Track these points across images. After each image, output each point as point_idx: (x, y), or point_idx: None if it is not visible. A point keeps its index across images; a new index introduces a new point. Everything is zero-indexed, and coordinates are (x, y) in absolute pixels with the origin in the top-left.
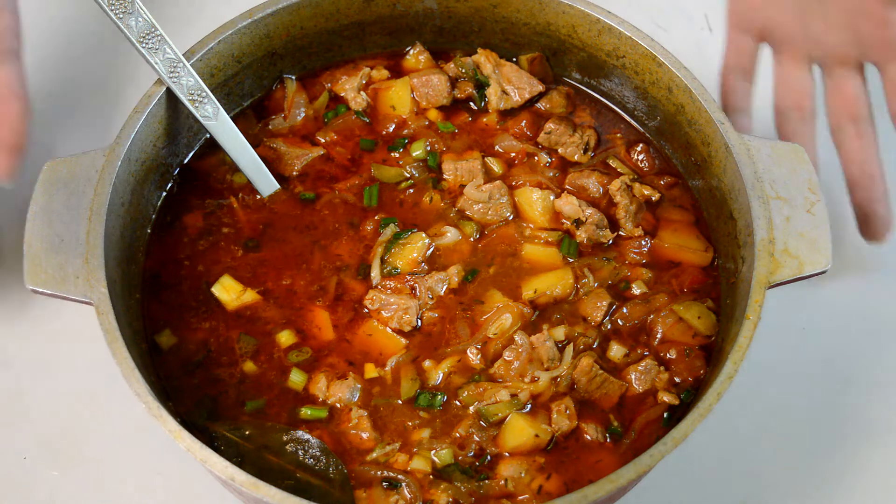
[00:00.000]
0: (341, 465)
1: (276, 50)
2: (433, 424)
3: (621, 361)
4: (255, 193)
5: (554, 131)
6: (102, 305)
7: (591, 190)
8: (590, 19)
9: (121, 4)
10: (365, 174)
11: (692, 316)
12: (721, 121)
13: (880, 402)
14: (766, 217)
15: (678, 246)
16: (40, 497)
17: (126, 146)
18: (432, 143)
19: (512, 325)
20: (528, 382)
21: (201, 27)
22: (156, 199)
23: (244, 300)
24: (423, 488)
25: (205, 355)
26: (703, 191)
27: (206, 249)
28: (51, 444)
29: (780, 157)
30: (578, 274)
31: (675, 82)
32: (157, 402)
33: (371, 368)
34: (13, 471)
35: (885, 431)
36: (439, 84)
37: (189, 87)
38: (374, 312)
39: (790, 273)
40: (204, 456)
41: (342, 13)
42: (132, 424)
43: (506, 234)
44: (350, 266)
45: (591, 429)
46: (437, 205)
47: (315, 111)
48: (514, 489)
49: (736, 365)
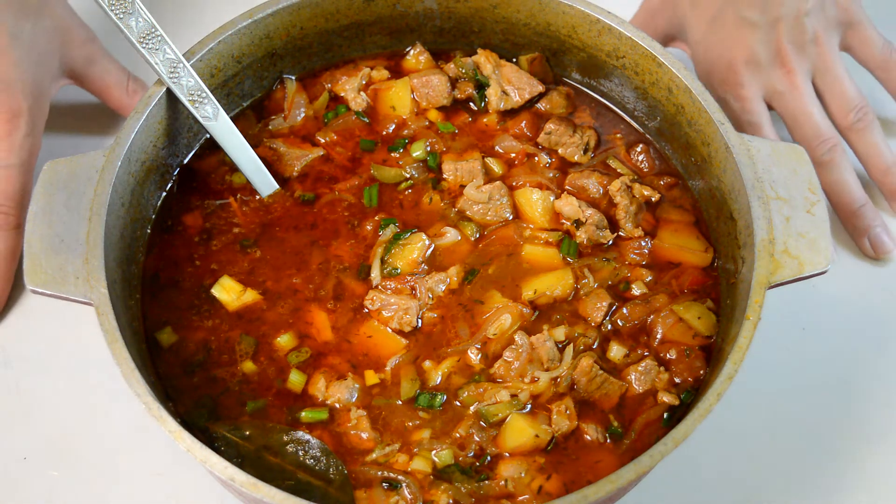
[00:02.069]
0: (341, 466)
1: (276, 50)
2: (433, 425)
3: (621, 362)
4: (254, 194)
5: (554, 132)
6: (102, 306)
7: (591, 190)
8: (590, 19)
9: (121, 4)
10: (365, 174)
11: (692, 316)
12: (721, 121)
13: (880, 402)
14: (766, 217)
15: (678, 246)
16: (40, 497)
17: (126, 146)
18: (432, 144)
19: (512, 325)
20: (528, 383)
21: (201, 27)
22: (156, 199)
23: (244, 300)
24: (423, 489)
25: (205, 355)
26: (703, 191)
27: (205, 250)
28: (50, 444)
29: (780, 157)
30: (578, 274)
31: (675, 83)
32: (157, 402)
33: (371, 375)
34: (13, 471)
35: (884, 431)
36: (439, 84)
37: (189, 87)
38: (374, 313)
39: (790, 273)
40: (204, 456)
41: (342, 13)
42: (132, 424)
43: (506, 234)
44: (350, 266)
45: (591, 429)
46: (437, 205)
47: (315, 111)
48: (514, 489)
49: (736, 365)
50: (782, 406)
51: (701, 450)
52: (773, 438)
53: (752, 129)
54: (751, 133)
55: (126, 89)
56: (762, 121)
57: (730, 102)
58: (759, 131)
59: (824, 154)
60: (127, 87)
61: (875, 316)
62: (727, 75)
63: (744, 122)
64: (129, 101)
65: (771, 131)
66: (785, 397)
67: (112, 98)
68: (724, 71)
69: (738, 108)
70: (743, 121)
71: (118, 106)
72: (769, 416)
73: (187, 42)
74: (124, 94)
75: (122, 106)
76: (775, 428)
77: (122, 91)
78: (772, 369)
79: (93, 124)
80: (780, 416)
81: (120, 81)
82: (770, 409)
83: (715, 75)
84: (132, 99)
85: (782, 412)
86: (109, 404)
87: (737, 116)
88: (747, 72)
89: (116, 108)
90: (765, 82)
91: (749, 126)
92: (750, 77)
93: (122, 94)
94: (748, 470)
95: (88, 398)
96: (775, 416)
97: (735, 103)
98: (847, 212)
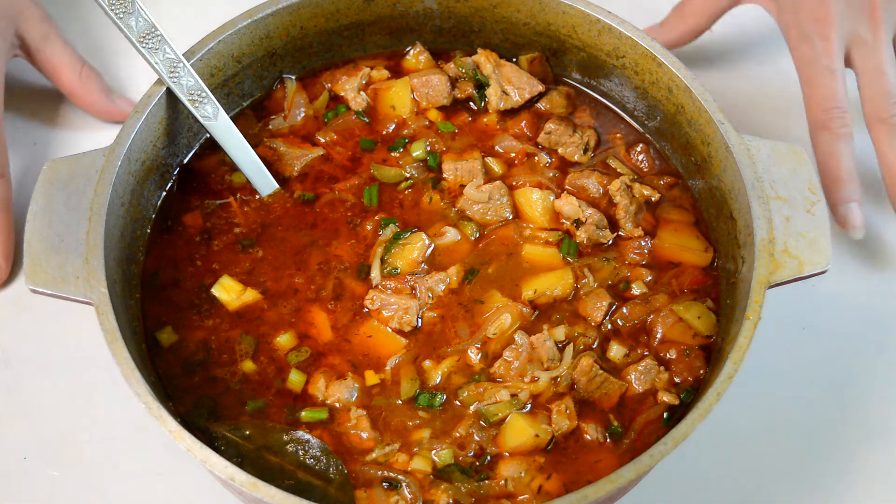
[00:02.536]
0: (341, 466)
1: (276, 50)
2: (433, 424)
3: (621, 361)
4: (254, 193)
5: (554, 131)
6: (102, 305)
7: (591, 190)
8: (590, 19)
9: (121, 4)
10: (365, 174)
11: (692, 316)
12: (721, 121)
13: (880, 401)
14: (766, 217)
15: (678, 246)
16: (40, 497)
17: (126, 146)
18: (432, 144)
19: (512, 324)
20: (528, 382)
21: (201, 27)
22: (156, 199)
23: (244, 300)
24: (423, 488)
25: (205, 355)
26: (702, 191)
27: (205, 249)
28: (50, 444)
29: (780, 157)
30: (578, 274)
31: (675, 82)
32: (157, 402)
33: (371, 375)
34: (13, 471)
35: (884, 431)
36: (439, 84)
37: (189, 87)
38: (374, 312)
39: (790, 273)
40: (204, 456)
41: (342, 13)
42: (132, 424)
43: (505, 234)
44: (350, 266)
45: (591, 429)
46: (437, 205)
47: (315, 111)
48: (514, 489)
49: (736, 365)
50: (782, 406)
51: (701, 450)
52: (773, 438)
53: (828, 75)
54: (824, 80)
55: (79, 74)
56: (839, 70)
57: (813, 41)
58: (834, 80)
59: (893, 116)
60: (81, 72)
61: (875, 316)
62: (817, 9)
63: (821, 66)
64: (80, 86)
65: (843, 85)
66: (785, 397)
67: (62, 79)
68: (814, 5)
69: (820, 48)
70: (820, 65)
71: (68, 89)
72: (769, 416)
73: (187, 42)
74: (75, 78)
75: (71, 90)
76: (775, 428)
77: (74, 74)
78: (772, 369)
79: (93, 124)
80: (780, 416)
81: (73, 65)
82: (770, 408)
83: (804, 10)
84: (84, 85)
85: (782, 412)
86: (109, 404)
87: (816, 57)
88: (837, 10)
89: (67, 91)
90: (852, 27)
91: (825, 72)
92: (839, 17)
93: (74, 78)
94: (748, 470)
95: (88, 398)
96: (775, 416)
97: (819, 43)
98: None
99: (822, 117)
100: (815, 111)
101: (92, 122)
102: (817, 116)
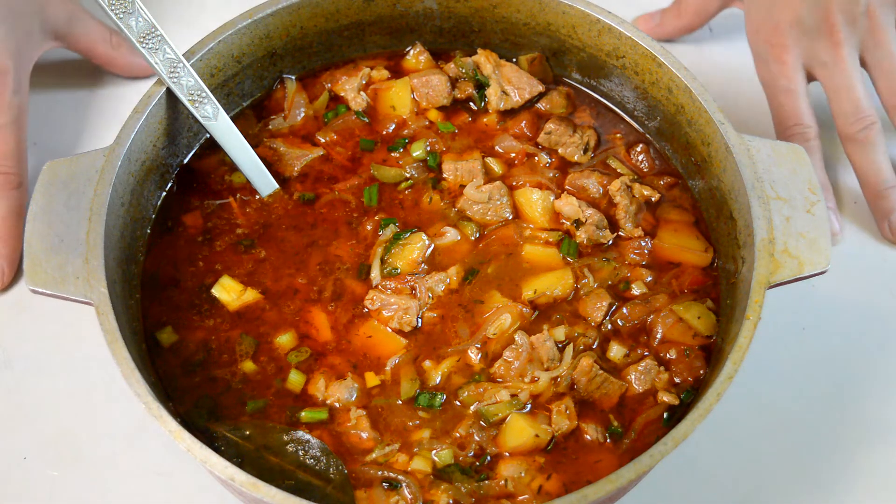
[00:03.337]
0: (341, 466)
1: (276, 50)
2: (433, 424)
3: (621, 362)
4: (254, 193)
5: (554, 131)
6: (102, 305)
7: (591, 190)
8: (590, 19)
9: (121, 4)
10: (365, 174)
11: (692, 316)
12: (721, 121)
13: (880, 401)
14: (766, 217)
15: (678, 246)
16: (40, 497)
17: (126, 146)
18: (432, 144)
19: (511, 325)
20: (528, 382)
21: (201, 27)
22: (156, 199)
23: (244, 300)
24: (423, 488)
25: (205, 355)
26: (702, 191)
27: (205, 249)
28: (50, 444)
29: (780, 157)
30: (578, 274)
31: (675, 82)
32: (157, 402)
33: (371, 377)
34: (13, 471)
35: (884, 431)
36: (439, 84)
37: (189, 87)
38: (374, 312)
39: (790, 273)
40: (204, 456)
41: (342, 13)
42: (132, 424)
43: (505, 234)
44: (350, 266)
45: (591, 429)
46: (437, 205)
47: (315, 111)
48: (514, 489)
49: (736, 365)
50: (782, 406)
51: (701, 450)
52: (773, 438)
53: (786, 95)
54: (783, 100)
55: (111, 43)
56: (797, 89)
57: (769, 64)
58: (793, 99)
59: (860, 132)
60: (111, 41)
61: (875, 316)
62: (772, 35)
63: (779, 86)
64: (115, 54)
65: (804, 101)
66: (785, 397)
67: (98, 53)
68: (769, 31)
69: (776, 70)
70: (778, 85)
71: (105, 61)
72: (769, 416)
73: (187, 42)
74: (109, 48)
75: (108, 60)
76: (775, 428)
77: (107, 46)
78: (772, 369)
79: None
80: (780, 416)
81: (104, 37)
82: (770, 409)
83: (761, 34)
84: (118, 51)
85: (782, 412)
86: (109, 404)
87: (773, 79)
88: (791, 35)
89: (104, 63)
90: (808, 50)
91: (783, 92)
92: (793, 41)
93: (108, 49)
94: (748, 470)
95: (88, 398)
96: (775, 416)
97: (774, 65)
98: (874, 192)
99: (785, 133)
100: (778, 128)
101: (92, 122)
102: (781, 133)
